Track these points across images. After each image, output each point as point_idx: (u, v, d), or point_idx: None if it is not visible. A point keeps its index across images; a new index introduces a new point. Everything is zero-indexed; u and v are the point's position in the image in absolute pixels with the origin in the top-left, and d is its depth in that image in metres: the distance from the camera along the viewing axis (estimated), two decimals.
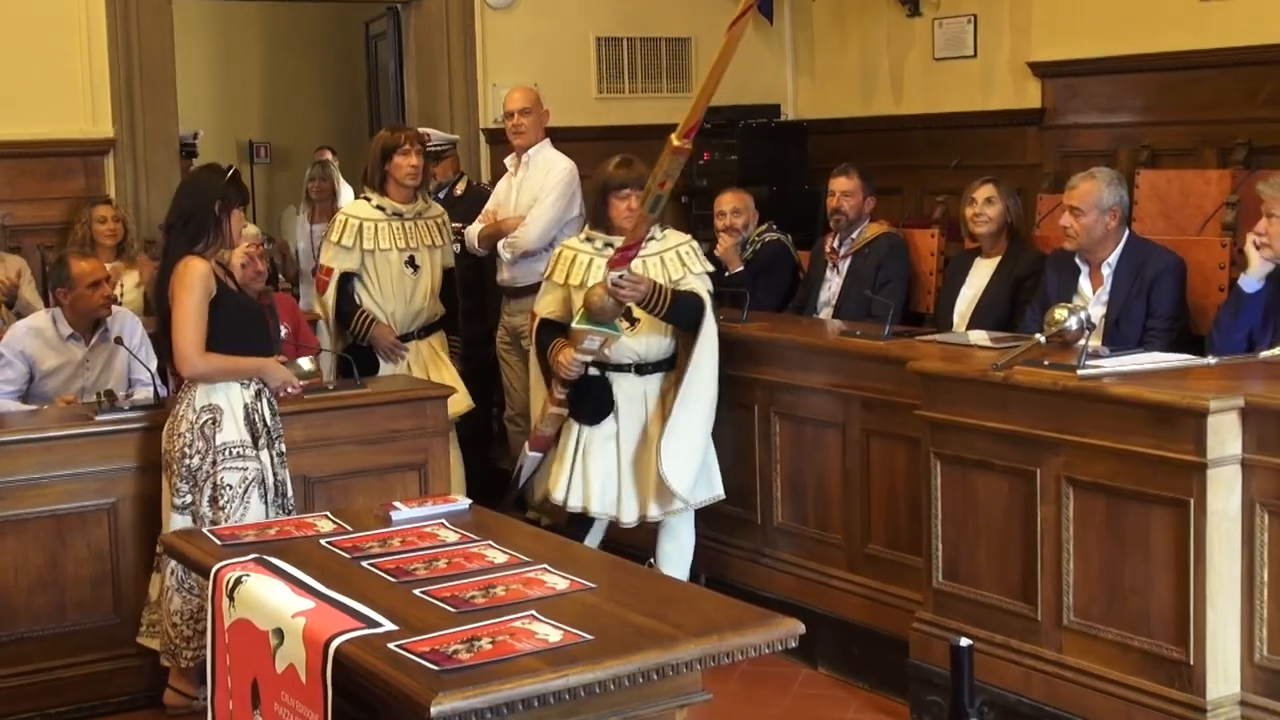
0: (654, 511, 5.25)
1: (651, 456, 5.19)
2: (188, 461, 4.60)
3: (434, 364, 6.19)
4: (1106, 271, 5.20)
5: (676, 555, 5.38)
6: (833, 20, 8.78)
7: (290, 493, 4.77)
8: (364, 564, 3.45)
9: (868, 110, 8.59)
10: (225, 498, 4.56)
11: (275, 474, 4.69)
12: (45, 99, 7.39)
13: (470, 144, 8.23)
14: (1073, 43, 7.34)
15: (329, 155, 9.64)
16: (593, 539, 5.35)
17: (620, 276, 4.98)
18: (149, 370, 5.30)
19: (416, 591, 3.22)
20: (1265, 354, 4.25)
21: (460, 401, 6.01)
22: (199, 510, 4.59)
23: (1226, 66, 6.68)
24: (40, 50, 7.34)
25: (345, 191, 9.07)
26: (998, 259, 5.68)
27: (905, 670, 4.74)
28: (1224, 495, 3.97)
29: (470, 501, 4.02)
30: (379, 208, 6.06)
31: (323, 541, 3.66)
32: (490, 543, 3.59)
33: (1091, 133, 7.35)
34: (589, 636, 2.87)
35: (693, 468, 5.20)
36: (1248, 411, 3.94)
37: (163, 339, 4.73)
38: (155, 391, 5.14)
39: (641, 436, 5.27)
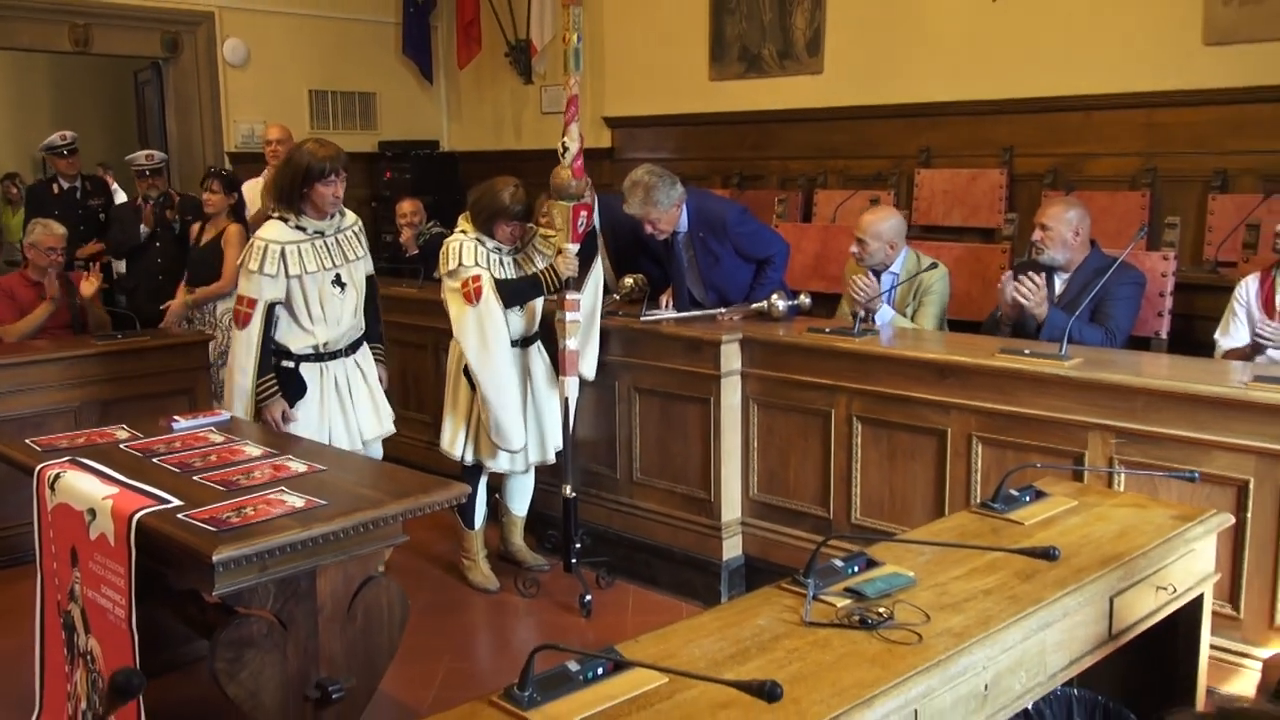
0: (537, 457, 4.39)
1: (536, 414, 4.34)
2: None
3: (357, 385, 4.10)
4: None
5: (519, 491, 4.59)
6: (474, 83, 8.67)
7: None
8: (154, 460, 3.24)
9: (498, 146, 8.52)
10: None
11: None
12: None
13: (218, 163, 7.71)
14: (631, 105, 7.49)
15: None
16: (481, 484, 4.42)
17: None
18: None
19: (196, 478, 3.05)
20: (754, 305, 4.46)
21: (382, 423, 4.20)
22: None
23: (726, 124, 6.95)
24: None
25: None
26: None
27: (532, 515, 4.82)
28: (731, 394, 4.18)
29: (230, 414, 3.81)
30: (299, 228, 3.91)
31: (122, 446, 3.40)
32: (248, 442, 3.42)
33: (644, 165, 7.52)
34: (324, 502, 2.80)
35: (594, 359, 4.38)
36: (745, 341, 4.17)
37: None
38: None
39: (527, 397, 4.31)
